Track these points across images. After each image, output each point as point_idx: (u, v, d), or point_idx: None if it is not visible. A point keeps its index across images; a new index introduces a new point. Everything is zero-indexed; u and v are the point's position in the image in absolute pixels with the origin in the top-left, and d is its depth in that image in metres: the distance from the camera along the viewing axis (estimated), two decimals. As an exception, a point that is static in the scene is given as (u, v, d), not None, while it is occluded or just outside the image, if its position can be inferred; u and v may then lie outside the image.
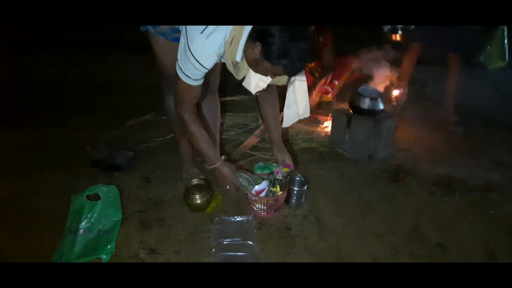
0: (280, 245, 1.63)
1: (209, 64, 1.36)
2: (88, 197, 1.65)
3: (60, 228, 1.61)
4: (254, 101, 3.10)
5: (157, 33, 1.60)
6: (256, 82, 1.49)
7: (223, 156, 1.65)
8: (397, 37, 2.87)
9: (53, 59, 4.15)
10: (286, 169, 1.86)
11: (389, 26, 2.89)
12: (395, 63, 2.89)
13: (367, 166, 2.32)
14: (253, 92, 1.53)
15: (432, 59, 3.01)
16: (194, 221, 1.77)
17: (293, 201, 1.89)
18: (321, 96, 3.30)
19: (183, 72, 1.38)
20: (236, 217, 1.77)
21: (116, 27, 1.68)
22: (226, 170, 1.64)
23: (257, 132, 2.59)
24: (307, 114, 1.72)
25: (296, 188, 1.86)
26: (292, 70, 1.32)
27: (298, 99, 1.65)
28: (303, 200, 1.91)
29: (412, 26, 2.78)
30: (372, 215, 1.87)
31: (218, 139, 2.09)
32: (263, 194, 1.78)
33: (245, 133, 2.68)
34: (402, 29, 2.88)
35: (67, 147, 2.36)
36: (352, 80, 3.32)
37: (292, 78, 1.59)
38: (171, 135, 2.44)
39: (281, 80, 1.55)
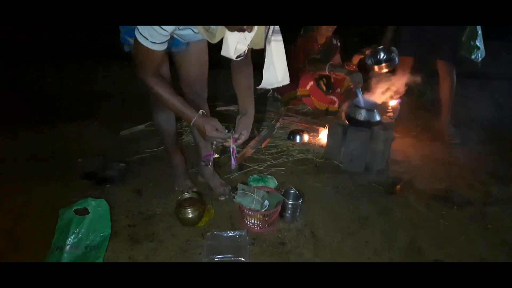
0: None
1: (167, 26, 1.27)
2: (76, 211, 1.61)
3: (48, 244, 1.56)
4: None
5: None
6: (234, 45, 1.39)
7: (201, 111, 1.49)
8: (382, 68, 2.90)
9: (49, 68, 4.14)
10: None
11: (372, 59, 2.91)
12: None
13: (363, 178, 2.28)
14: (234, 57, 1.42)
15: (430, 68, 2.98)
16: (186, 236, 1.72)
17: (288, 215, 1.85)
18: (327, 107, 3.30)
19: (141, 34, 1.29)
20: (228, 232, 1.72)
21: (112, 36, 1.66)
22: (203, 125, 1.47)
23: (252, 143, 2.55)
24: (287, 81, 1.56)
25: (290, 202, 1.82)
26: None
27: (275, 61, 1.49)
28: (298, 214, 1.87)
29: (396, 60, 2.82)
30: (369, 230, 1.83)
31: (213, 150, 2.05)
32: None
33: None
34: (386, 61, 2.92)
35: (59, 158, 2.32)
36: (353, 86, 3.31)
37: (269, 36, 1.44)
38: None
39: (259, 42, 1.42)
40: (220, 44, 1.41)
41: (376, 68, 2.98)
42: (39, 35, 5.05)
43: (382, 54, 2.97)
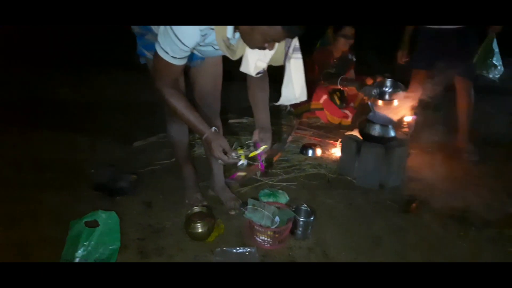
0: (283, 281, 1.54)
1: (189, 42, 1.26)
2: (86, 223, 1.60)
3: (57, 256, 1.56)
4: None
5: None
6: (254, 62, 1.41)
7: (213, 128, 1.47)
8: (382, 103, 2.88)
9: (66, 78, 4.23)
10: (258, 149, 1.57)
11: (376, 90, 2.88)
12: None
13: (377, 196, 2.22)
14: (254, 74, 1.44)
15: (447, 83, 2.92)
16: (194, 251, 1.70)
17: (299, 232, 1.81)
18: (340, 121, 3.27)
19: (161, 47, 1.29)
20: (238, 248, 1.69)
21: (128, 47, 1.68)
22: (212, 142, 1.43)
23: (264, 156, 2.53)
24: (304, 97, 1.58)
25: (302, 219, 1.79)
26: (291, 29, 1.20)
27: (294, 78, 1.51)
28: (309, 231, 1.83)
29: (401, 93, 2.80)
30: (382, 250, 1.77)
31: (222, 165, 2.04)
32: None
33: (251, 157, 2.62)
34: (389, 95, 2.89)
35: (72, 169, 2.34)
36: (367, 101, 3.26)
37: (289, 53, 1.46)
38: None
39: (279, 59, 1.46)
40: (237, 60, 1.42)
41: (378, 102, 2.94)
42: (56, 45, 5.18)
43: (387, 87, 2.93)
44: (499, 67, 2.69)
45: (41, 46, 5.00)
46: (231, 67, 1.80)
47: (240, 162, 1.50)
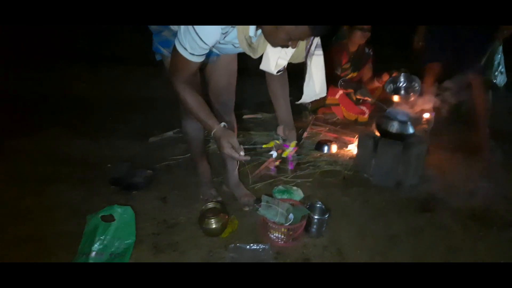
0: (297, 279, 1.53)
1: (210, 40, 1.26)
2: (103, 218, 1.63)
3: (74, 249, 1.59)
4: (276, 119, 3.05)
5: (170, 55, 1.56)
6: (275, 60, 1.41)
7: (223, 124, 1.44)
8: (398, 98, 2.81)
9: (83, 73, 4.30)
10: (286, 150, 1.58)
11: (392, 86, 2.82)
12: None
13: (394, 194, 2.17)
14: (275, 72, 1.44)
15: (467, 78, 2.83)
16: (208, 247, 1.71)
17: (313, 229, 1.79)
18: (357, 117, 3.22)
19: (180, 44, 1.28)
20: (252, 245, 1.69)
21: (143, 44, 1.68)
22: (221, 138, 1.41)
23: (279, 151, 2.51)
24: (324, 93, 1.56)
25: (316, 217, 1.76)
26: (317, 28, 1.18)
27: (314, 75, 1.50)
28: (323, 229, 1.81)
29: (417, 89, 2.73)
30: (399, 250, 1.74)
31: (236, 161, 2.03)
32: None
33: (266, 152, 2.60)
34: (405, 90, 2.82)
35: (90, 163, 2.38)
36: (384, 97, 3.20)
37: (311, 51, 1.45)
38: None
39: (300, 56, 1.44)
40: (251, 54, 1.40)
41: (394, 97, 2.88)
42: (75, 41, 5.26)
43: (402, 82, 2.86)
44: (504, 74, 2.62)
45: (57, 40, 5.08)
46: (245, 63, 1.79)
47: (274, 154, 1.52)
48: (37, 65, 4.27)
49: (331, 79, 3.18)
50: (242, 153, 1.41)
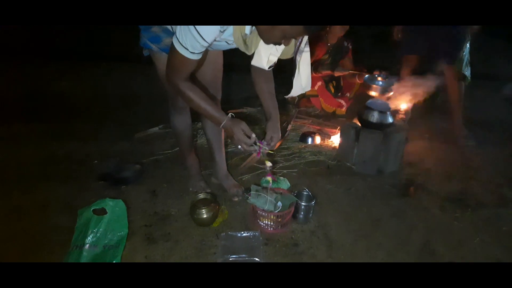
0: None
1: (209, 37, 1.29)
2: (94, 211, 1.65)
3: (67, 243, 1.61)
4: (261, 114, 3.10)
5: (160, 50, 1.59)
6: (267, 56, 1.47)
7: (230, 114, 1.50)
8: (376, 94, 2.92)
9: (64, 71, 4.23)
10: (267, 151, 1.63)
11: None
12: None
13: (376, 181, 2.28)
14: (267, 67, 1.51)
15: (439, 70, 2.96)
16: (200, 236, 1.75)
17: (301, 216, 1.87)
18: (335, 110, 3.31)
19: (180, 43, 1.30)
20: (242, 232, 1.74)
21: (125, 40, 1.68)
22: (232, 128, 1.47)
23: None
24: (309, 88, 1.65)
25: (303, 203, 1.84)
26: (311, 27, 1.23)
27: (301, 70, 1.57)
28: (310, 215, 1.88)
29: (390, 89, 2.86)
30: (382, 232, 1.84)
31: (223, 154, 2.08)
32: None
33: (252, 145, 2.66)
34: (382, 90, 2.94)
35: (76, 160, 2.37)
36: (362, 91, 3.30)
37: (301, 48, 1.52)
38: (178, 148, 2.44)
39: (289, 52, 1.52)
40: (236, 50, 1.45)
41: (372, 93, 2.99)
42: (54, 37, 5.15)
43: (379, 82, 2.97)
44: (469, 67, 2.83)
45: (38, 39, 4.97)
46: (230, 59, 1.84)
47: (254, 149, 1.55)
48: (17, 63, 4.18)
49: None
50: (253, 135, 1.49)
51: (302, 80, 1.58)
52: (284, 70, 1.64)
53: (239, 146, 1.51)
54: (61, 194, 2.01)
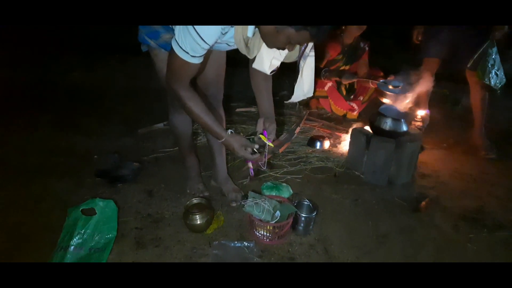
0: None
1: (210, 40, 1.22)
2: (83, 211, 1.59)
3: (55, 242, 1.55)
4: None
5: (158, 46, 1.52)
6: (269, 61, 1.41)
7: (229, 131, 1.46)
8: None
9: (79, 62, 4.23)
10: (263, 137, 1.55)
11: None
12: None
13: (385, 192, 2.14)
14: (268, 72, 1.45)
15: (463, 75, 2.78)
16: (192, 243, 1.67)
17: (300, 227, 1.75)
18: (345, 113, 3.16)
19: (180, 47, 1.23)
20: (236, 242, 1.65)
21: (136, 33, 1.62)
22: (233, 144, 1.45)
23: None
24: (311, 94, 1.58)
25: (303, 214, 1.72)
26: (319, 34, 1.16)
27: (305, 75, 1.51)
28: (311, 227, 1.77)
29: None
30: (387, 249, 1.70)
31: (224, 156, 1.99)
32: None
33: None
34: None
35: (77, 154, 2.34)
36: (377, 96, 3.13)
37: (306, 52, 1.45)
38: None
39: (293, 56, 1.44)
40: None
41: (385, 100, 2.84)
42: (65, 30, 5.17)
43: (391, 86, 2.81)
44: (500, 76, 2.54)
45: (51, 28, 4.99)
46: (238, 56, 1.73)
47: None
48: (25, 52, 4.21)
49: (318, 70, 3.11)
50: (256, 146, 1.46)
51: (305, 86, 1.52)
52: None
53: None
54: (57, 188, 1.97)
